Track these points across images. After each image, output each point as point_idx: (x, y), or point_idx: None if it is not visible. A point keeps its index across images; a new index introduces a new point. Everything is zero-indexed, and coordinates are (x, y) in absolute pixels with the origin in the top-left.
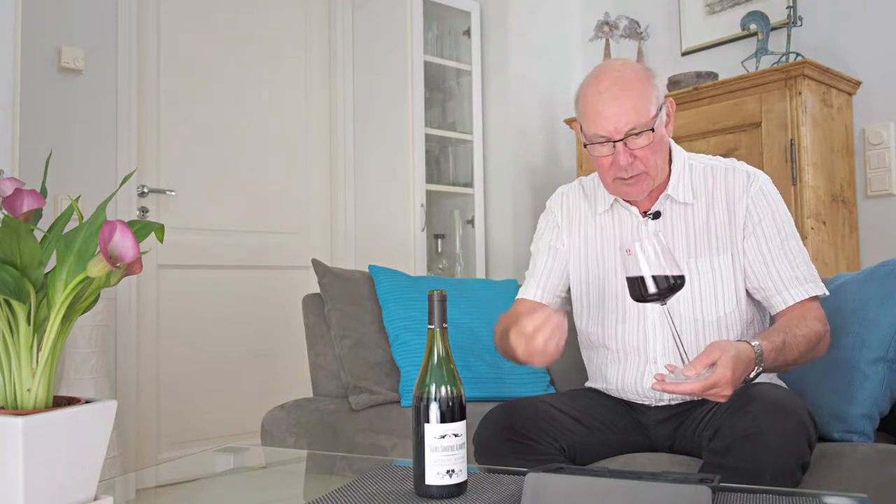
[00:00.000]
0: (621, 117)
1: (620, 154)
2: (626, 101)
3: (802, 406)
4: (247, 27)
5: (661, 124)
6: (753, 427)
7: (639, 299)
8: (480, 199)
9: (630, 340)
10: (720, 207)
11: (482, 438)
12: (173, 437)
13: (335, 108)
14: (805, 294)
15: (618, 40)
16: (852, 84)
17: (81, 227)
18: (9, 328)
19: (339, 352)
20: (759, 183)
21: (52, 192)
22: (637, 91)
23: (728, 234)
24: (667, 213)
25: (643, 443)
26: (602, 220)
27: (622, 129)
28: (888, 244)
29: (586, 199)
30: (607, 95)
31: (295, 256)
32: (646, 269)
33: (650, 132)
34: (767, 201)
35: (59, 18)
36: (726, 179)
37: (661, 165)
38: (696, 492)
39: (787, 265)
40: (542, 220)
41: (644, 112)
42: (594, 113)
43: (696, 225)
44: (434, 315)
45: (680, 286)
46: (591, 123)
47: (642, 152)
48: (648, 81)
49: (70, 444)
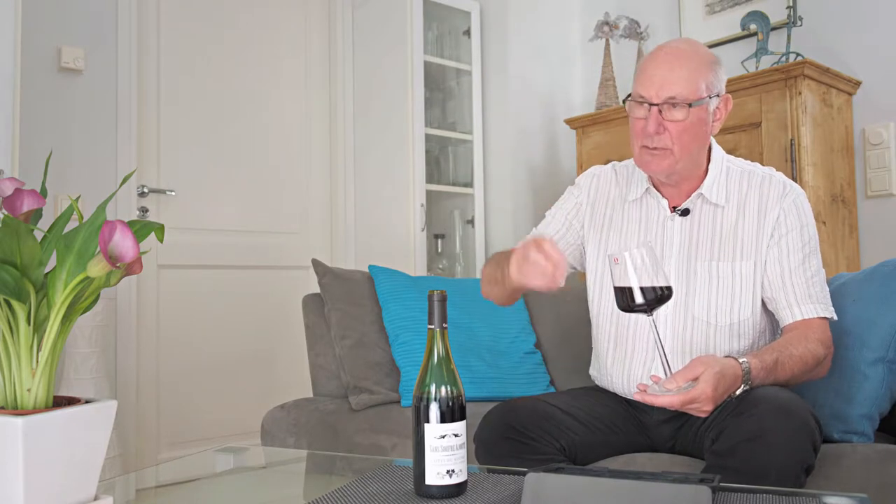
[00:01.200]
0: (666, 83)
1: (652, 119)
2: (677, 70)
3: (807, 409)
4: (247, 27)
5: (705, 111)
6: (758, 429)
7: (625, 309)
8: (480, 199)
9: (639, 341)
10: (751, 213)
11: (483, 438)
12: (173, 437)
13: (335, 108)
14: (815, 313)
15: (618, 40)
16: (852, 84)
17: (81, 227)
18: (9, 328)
19: (339, 352)
20: (794, 195)
21: (52, 192)
22: (691, 66)
23: (754, 242)
24: (696, 211)
25: (644, 443)
26: (629, 209)
27: (662, 95)
28: (888, 244)
29: (617, 185)
30: (661, 60)
31: (295, 256)
32: (634, 280)
33: (688, 108)
34: (798, 215)
35: (59, 18)
36: (762, 187)
37: (694, 154)
38: (696, 492)
39: (804, 282)
40: (567, 192)
41: (691, 87)
42: (643, 73)
43: (724, 228)
44: (434, 315)
45: (668, 297)
46: (639, 82)
47: (674, 126)
48: (709, 66)
49: (70, 444)
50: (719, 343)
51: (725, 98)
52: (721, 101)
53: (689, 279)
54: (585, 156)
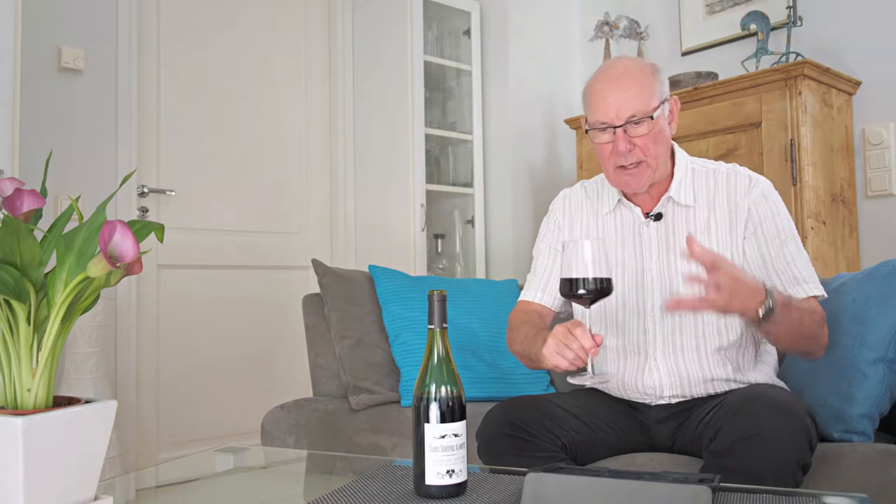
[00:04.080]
0: (622, 104)
1: (620, 139)
2: (629, 89)
3: (804, 407)
4: (247, 27)
5: (663, 117)
6: (755, 428)
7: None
8: (480, 199)
9: (630, 339)
10: (721, 210)
11: (485, 435)
12: (173, 437)
13: (335, 108)
14: (803, 294)
15: (618, 40)
16: (852, 84)
17: (81, 227)
18: (9, 328)
19: (339, 352)
20: (760, 187)
21: (52, 192)
22: (639, 81)
23: (729, 236)
24: (668, 214)
25: (644, 442)
26: (605, 221)
27: (623, 115)
28: (888, 244)
29: (588, 200)
30: (611, 84)
31: (295, 256)
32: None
33: (650, 120)
34: (768, 204)
35: (59, 18)
36: (728, 183)
37: (662, 159)
38: (696, 492)
39: (786, 266)
40: (543, 224)
41: (645, 101)
42: (597, 100)
43: (698, 226)
44: (434, 315)
45: (608, 291)
46: (594, 110)
47: (642, 140)
48: (653, 76)
49: (70, 444)
50: (709, 339)
51: (674, 100)
52: (671, 104)
53: (673, 279)
54: (585, 156)
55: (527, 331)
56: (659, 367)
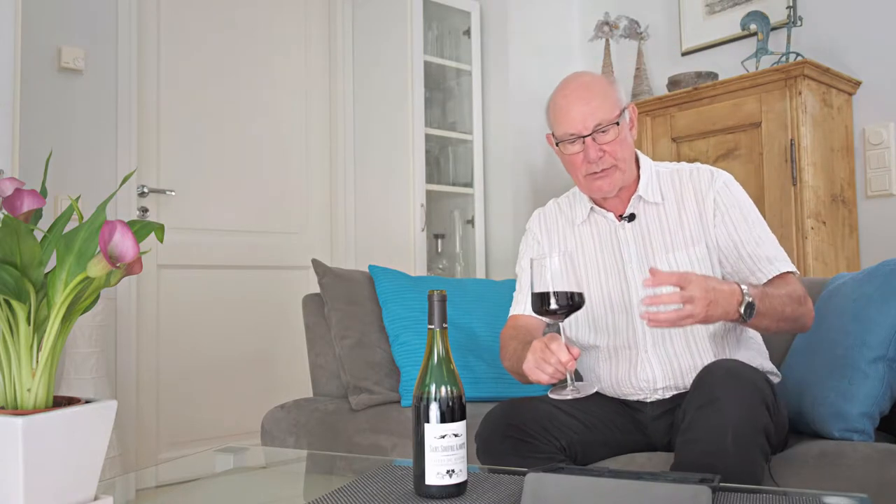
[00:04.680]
0: (588, 115)
1: (590, 148)
2: (592, 100)
3: (758, 373)
4: (247, 27)
5: (625, 124)
6: (709, 396)
7: (540, 313)
8: (480, 199)
9: (620, 338)
10: (690, 203)
11: (484, 437)
12: (173, 437)
13: (335, 108)
14: (775, 270)
15: (618, 40)
16: (852, 84)
17: (81, 227)
18: (9, 328)
19: (339, 352)
20: (722, 178)
21: (52, 192)
22: (601, 92)
23: (700, 226)
24: (640, 214)
25: (642, 441)
26: (581, 231)
27: (590, 125)
28: (888, 244)
29: (563, 214)
30: (574, 97)
31: (295, 256)
32: (550, 285)
33: (616, 126)
34: (731, 192)
35: (59, 18)
36: (692, 179)
37: (629, 163)
38: (696, 492)
39: (756, 247)
40: (522, 243)
41: (609, 110)
42: (563, 114)
43: (670, 222)
44: (434, 315)
45: (579, 306)
46: (561, 124)
47: (610, 147)
48: (611, 86)
49: (70, 444)
50: (698, 331)
51: (632, 107)
52: (630, 112)
53: None
54: None
55: (514, 346)
56: (651, 361)
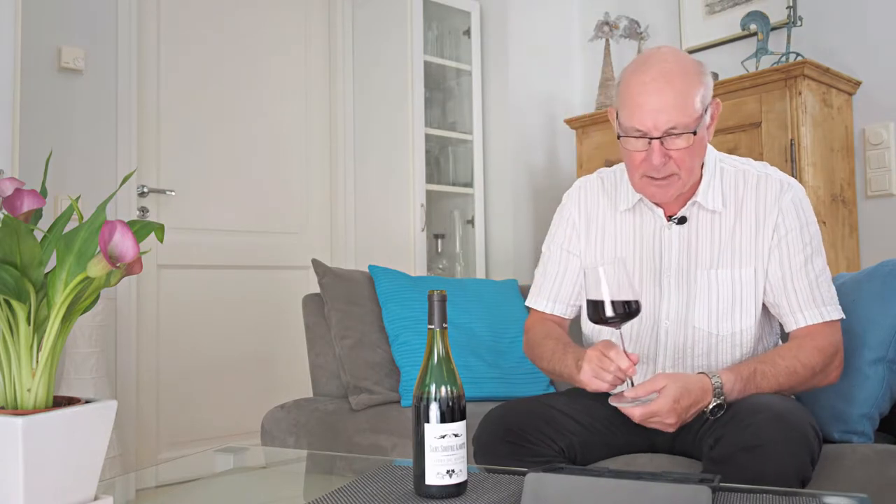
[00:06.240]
0: (662, 114)
1: (655, 152)
2: (671, 96)
3: (807, 419)
4: (247, 27)
5: (704, 127)
6: (755, 439)
7: (596, 321)
8: (480, 199)
9: (640, 346)
10: (748, 216)
11: (482, 440)
12: (173, 437)
13: (335, 108)
14: (819, 318)
15: (618, 40)
16: (852, 84)
17: (81, 227)
18: (9, 328)
19: (339, 352)
20: (791, 193)
21: (52, 192)
22: (684, 87)
23: (753, 247)
24: (693, 219)
25: (644, 443)
26: (622, 220)
27: (661, 127)
28: (888, 244)
29: (606, 195)
30: (651, 87)
31: (295, 256)
32: (606, 294)
33: (691, 135)
34: (798, 214)
35: (59, 18)
36: (758, 187)
37: (696, 171)
38: (696, 492)
39: (807, 285)
40: (556, 217)
41: (688, 111)
42: (634, 104)
43: (723, 235)
44: (434, 315)
45: (636, 312)
46: (630, 115)
47: (678, 154)
48: (698, 78)
49: (70, 444)
50: (721, 353)
51: (716, 104)
52: (713, 108)
53: (690, 288)
54: (585, 156)
55: (553, 346)
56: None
